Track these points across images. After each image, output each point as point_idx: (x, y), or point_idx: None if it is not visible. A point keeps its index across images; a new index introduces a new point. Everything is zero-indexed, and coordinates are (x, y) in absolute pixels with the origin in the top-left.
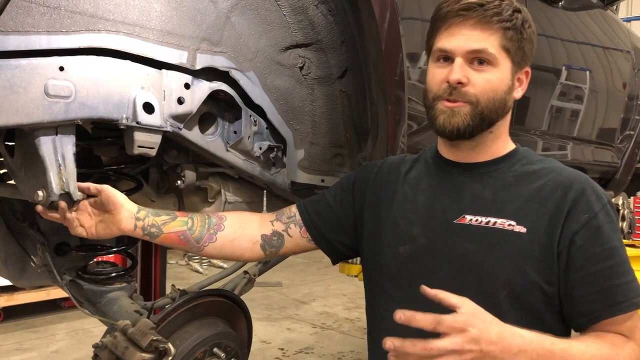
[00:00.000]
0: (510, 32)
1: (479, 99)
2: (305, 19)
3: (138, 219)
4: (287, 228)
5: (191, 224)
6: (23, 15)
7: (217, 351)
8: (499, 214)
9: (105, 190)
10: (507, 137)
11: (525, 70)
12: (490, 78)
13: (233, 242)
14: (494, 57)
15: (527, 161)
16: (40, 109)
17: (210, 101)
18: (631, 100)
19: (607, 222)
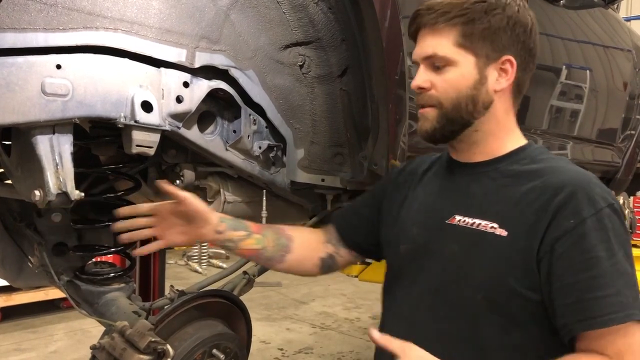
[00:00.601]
0: (466, 27)
1: (441, 101)
2: (305, 16)
3: (218, 232)
4: (337, 250)
5: (264, 244)
6: (19, 12)
7: (216, 352)
8: (485, 215)
9: (193, 203)
10: (508, 134)
11: (505, 59)
12: (448, 78)
13: (298, 264)
14: (446, 59)
15: (529, 160)
16: (37, 107)
17: (209, 100)
18: (632, 100)
19: (595, 230)
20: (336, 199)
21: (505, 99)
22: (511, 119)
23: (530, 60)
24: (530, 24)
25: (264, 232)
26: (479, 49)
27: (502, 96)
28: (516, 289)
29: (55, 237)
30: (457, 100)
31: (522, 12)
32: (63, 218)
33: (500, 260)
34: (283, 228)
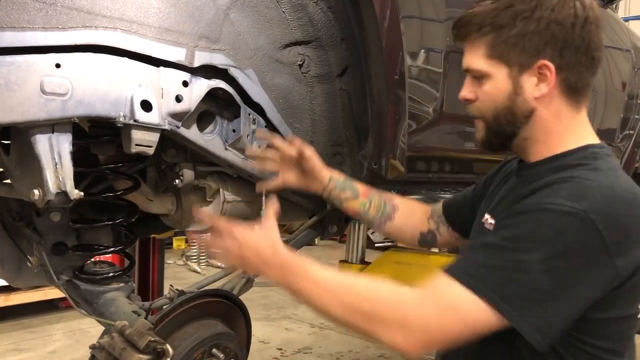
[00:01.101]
0: (494, 37)
1: (484, 113)
2: (304, 16)
3: (325, 190)
4: (438, 227)
5: (368, 208)
6: (18, 11)
7: (216, 352)
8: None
9: (313, 160)
10: (557, 138)
11: (541, 64)
12: (486, 90)
13: (398, 231)
14: (480, 71)
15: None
16: (36, 106)
17: (208, 99)
18: (631, 100)
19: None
20: None
21: (553, 102)
22: (566, 122)
23: (581, 57)
24: (573, 18)
25: (370, 196)
26: (511, 57)
27: (547, 101)
28: None
29: (55, 236)
30: (496, 112)
31: (559, 9)
32: (62, 217)
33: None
34: (391, 196)
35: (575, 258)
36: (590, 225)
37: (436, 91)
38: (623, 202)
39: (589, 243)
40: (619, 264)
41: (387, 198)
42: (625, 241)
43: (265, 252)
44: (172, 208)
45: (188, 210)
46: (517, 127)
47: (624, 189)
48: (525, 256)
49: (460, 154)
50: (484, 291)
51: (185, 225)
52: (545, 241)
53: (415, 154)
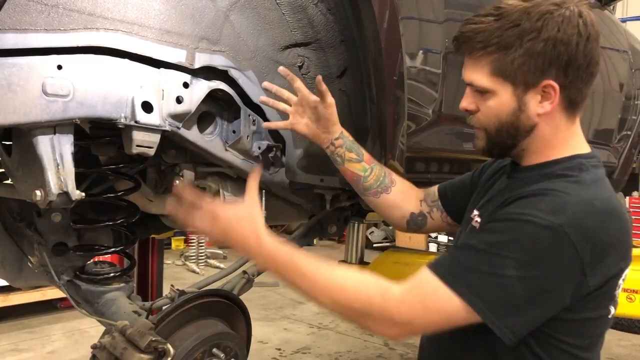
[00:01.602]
0: (500, 56)
1: (486, 126)
2: (304, 17)
3: (332, 145)
4: (431, 211)
5: (368, 174)
6: (21, 13)
7: (217, 351)
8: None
9: (332, 109)
10: (553, 148)
11: (545, 84)
12: (490, 105)
13: (389, 207)
14: (484, 88)
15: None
16: (38, 107)
17: (209, 100)
18: (628, 100)
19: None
20: (335, 199)
21: (553, 118)
22: (562, 134)
23: (582, 73)
24: (577, 37)
25: (372, 164)
26: (516, 76)
27: (549, 117)
28: None
29: (55, 237)
30: (499, 127)
31: (564, 28)
32: (63, 218)
33: None
34: (391, 172)
35: (548, 268)
36: (565, 239)
37: (435, 92)
38: (599, 216)
39: (563, 255)
40: (590, 275)
41: (387, 171)
42: (598, 253)
43: (250, 243)
44: None
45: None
46: (517, 140)
47: (603, 203)
48: (504, 262)
49: (459, 154)
50: (465, 292)
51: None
52: (522, 250)
53: (414, 154)
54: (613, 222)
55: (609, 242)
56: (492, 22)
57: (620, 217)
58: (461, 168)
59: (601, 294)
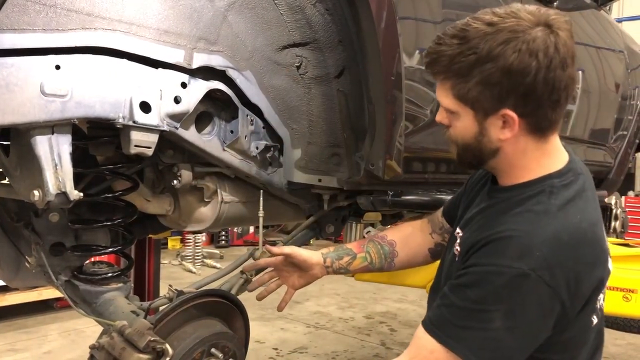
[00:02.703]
0: (459, 82)
1: (455, 141)
2: (302, 18)
3: (327, 267)
4: (443, 238)
5: (370, 259)
6: (19, 14)
7: (215, 351)
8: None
9: (296, 254)
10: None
11: (503, 112)
12: (456, 125)
13: (408, 262)
14: (449, 109)
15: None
16: (37, 107)
17: (206, 100)
18: (624, 100)
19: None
20: (333, 199)
21: (519, 141)
22: (530, 155)
23: (544, 102)
24: (536, 65)
25: (366, 248)
26: (475, 102)
27: (513, 141)
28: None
29: (53, 237)
30: (465, 146)
31: (521, 57)
32: (61, 218)
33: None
34: (384, 235)
35: (530, 313)
36: (539, 282)
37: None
38: (567, 249)
39: (541, 297)
40: (570, 306)
41: (381, 239)
42: (573, 285)
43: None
44: (169, 208)
45: (186, 210)
46: (484, 160)
47: (569, 233)
48: (489, 315)
49: None
50: (459, 349)
51: (183, 225)
52: (502, 301)
53: (411, 154)
54: (583, 247)
55: (582, 270)
56: (455, 46)
57: (590, 237)
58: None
59: (583, 313)
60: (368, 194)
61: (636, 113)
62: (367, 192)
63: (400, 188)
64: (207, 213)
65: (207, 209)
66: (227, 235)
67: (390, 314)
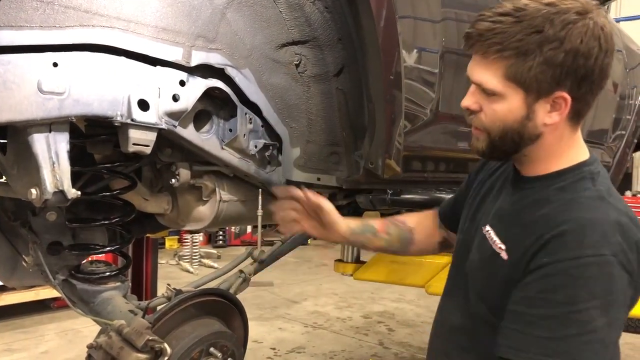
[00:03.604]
0: (517, 61)
1: (489, 129)
2: (301, 15)
3: (347, 240)
4: (448, 234)
5: (390, 240)
6: (16, 10)
7: (214, 351)
8: (502, 234)
9: (328, 211)
10: (557, 157)
11: (557, 95)
12: (496, 109)
13: (421, 250)
14: (493, 91)
15: (560, 186)
16: (34, 105)
17: (205, 98)
18: (622, 100)
19: (564, 274)
20: (332, 198)
21: (558, 128)
22: (565, 143)
23: (595, 87)
24: (597, 50)
25: (388, 230)
26: (530, 84)
27: (554, 127)
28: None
29: (50, 235)
30: (504, 132)
31: (587, 40)
32: (58, 217)
33: (499, 281)
34: (404, 221)
35: (619, 301)
36: (621, 268)
37: (432, 91)
38: (631, 233)
39: (623, 283)
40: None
41: (401, 223)
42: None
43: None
44: (168, 207)
45: (184, 209)
46: (520, 147)
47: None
48: (587, 315)
49: (455, 153)
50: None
51: (181, 224)
52: (596, 295)
53: (411, 153)
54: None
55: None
56: (511, 24)
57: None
58: (457, 167)
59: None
60: (367, 193)
61: (634, 112)
62: (366, 191)
63: (399, 187)
64: (206, 212)
65: (206, 207)
66: (225, 235)
67: (388, 313)
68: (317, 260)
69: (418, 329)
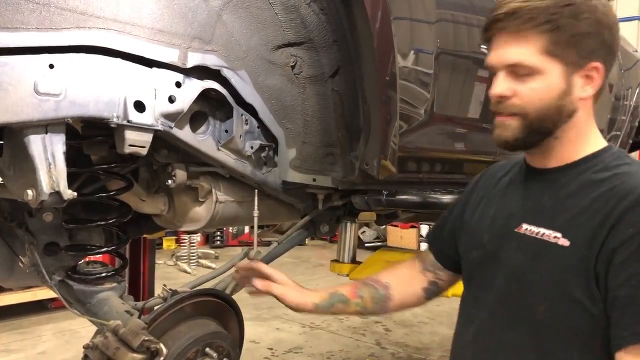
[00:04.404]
0: (553, 34)
1: (526, 110)
2: (297, 17)
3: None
4: (437, 276)
5: (363, 304)
6: (12, 12)
7: (209, 351)
8: (551, 224)
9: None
10: (584, 140)
11: (592, 66)
12: (535, 87)
13: (402, 304)
14: (532, 68)
15: (602, 167)
16: (30, 106)
17: (201, 100)
18: (618, 101)
19: None
20: (328, 199)
21: (588, 105)
22: (591, 123)
23: (613, 62)
24: (614, 22)
25: (360, 293)
26: (567, 56)
27: (585, 104)
28: (579, 299)
29: (47, 236)
30: (542, 111)
31: (607, 11)
32: (55, 217)
33: (562, 270)
34: (378, 278)
35: None
36: None
37: (427, 92)
38: None
39: None
40: None
41: (375, 282)
42: None
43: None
44: (164, 208)
45: (180, 210)
46: (556, 127)
47: None
48: None
49: (451, 154)
50: None
51: (177, 225)
52: None
53: (406, 154)
54: None
55: None
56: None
57: None
58: (453, 167)
59: None
60: (362, 194)
61: (629, 113)
62: (361, 191)
63: (394, 188)
64: (202, 213)
65: (202, 208)
66: (222, 235)
67: None
68: (315, 261)
69: (415, 329)
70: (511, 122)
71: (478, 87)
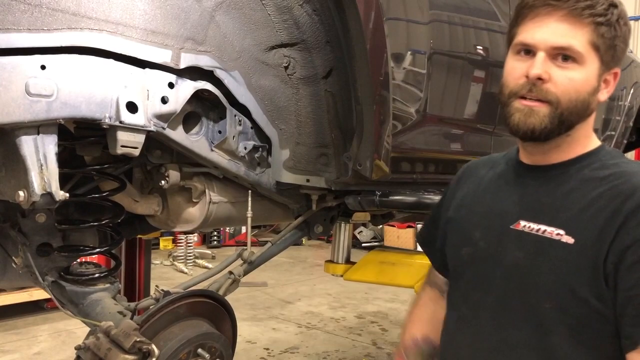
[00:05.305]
0: (603, 29)
1: (559, 99)
2: (290, 18)
3: None
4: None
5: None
6: (3, 13)
7: (202, 352)
8: (552, 221)
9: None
10: (586, 138)
11: (614, 71)
12: (574, 77)
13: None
14: (580, 55)
15: (600, 165)
16: (22, 107)
17: (194, 100)
18: (612, 101)
19: None
20: (321, 199)
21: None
22: (591, 127)
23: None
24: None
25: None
26: (605, 55)
27: (598, 107)
28: (585, 297)
29: (40, 237)
30: (575, 103)
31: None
32: (47, 218)
33: (568, 268)
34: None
35: None
36: None
37: (420, 92)
38: None
39: None
40: None
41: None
42: None
43: None
44: (158, 209)
45: (174, 210)
46: (577, 123)
47: None
48: None
49: (444, 154)
50: None
51: (171, 225)
52: None
53: (399, 154)
54: None
55: None
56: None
57: None
58: (446, 168)
59: None
60: (356, 194)
61: (624, 113)
62: (355, 192)
63: (388, 188)
64: (196, 213)
65: (196, 209)
66: (219, 235)
67: (381, 313)
68: (311, 261)
69: None
70: (540, 108)
71: (471, 87)
